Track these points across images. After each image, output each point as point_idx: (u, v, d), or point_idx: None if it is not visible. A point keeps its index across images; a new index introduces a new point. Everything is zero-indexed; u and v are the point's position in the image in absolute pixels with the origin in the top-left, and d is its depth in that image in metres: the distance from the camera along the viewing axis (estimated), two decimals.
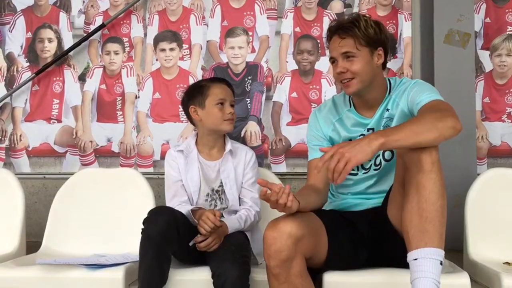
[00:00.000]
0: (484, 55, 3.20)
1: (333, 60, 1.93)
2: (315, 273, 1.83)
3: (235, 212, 2.17)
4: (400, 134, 1.61)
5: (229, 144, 2.23)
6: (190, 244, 1.97)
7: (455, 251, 2.27)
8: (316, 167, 1.65)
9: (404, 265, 1.65)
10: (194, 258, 2.02)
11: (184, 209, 2.05)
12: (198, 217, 1.99)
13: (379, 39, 1.90)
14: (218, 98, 2.17)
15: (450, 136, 1.65)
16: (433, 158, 1.64)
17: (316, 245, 1.78)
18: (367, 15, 1.94)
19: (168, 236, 1.90)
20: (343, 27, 1.89)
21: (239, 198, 2.20)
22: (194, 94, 2.21)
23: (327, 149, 1.62)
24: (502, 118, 3.19)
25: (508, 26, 3.21)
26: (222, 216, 2.08)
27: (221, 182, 2.19)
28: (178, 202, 2.14)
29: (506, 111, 3.18)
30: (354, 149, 1.57)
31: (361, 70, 1.87)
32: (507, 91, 3.19)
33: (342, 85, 1.94)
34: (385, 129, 1.83)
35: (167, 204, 2.17)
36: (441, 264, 1.60)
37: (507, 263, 2.13)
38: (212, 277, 1.90)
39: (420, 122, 1.64)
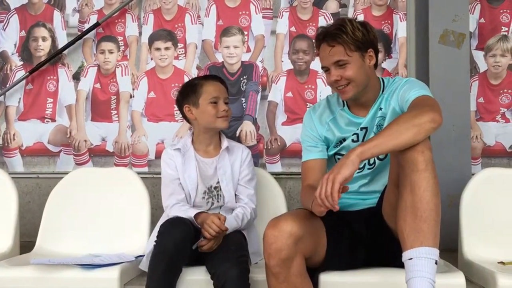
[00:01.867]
0: (478, 56, 3.20)
1: (326, 69, 1.92)
2: (312, 272, 1.82)
3: (231, 210, 2.17)
4: (377, 140, 1.62)
5: (225, 142, 2.23)
6: (193, 247, 1.96)
7: (450, 250, 2.27)
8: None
9: (401, 265, 1.65)
10: (191, 258, 2.00)
11: (185, 213, 2.05)
12: (201, 221, 2.00)
13: (368, 40, 1.90)
14: (212, 96, 2.16)
15: (431, 129, 1.64)
16: (426, 157, 1.63)
17: (315, 245, 1.78)
18: (354, 18, 1.93)
19: (182, 248, 1.91)
20: (331, 34, 1.88)
21: (235, 195, 2.20)
22: (188, 93, 2.20)
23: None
24: (496, 118, 3.20)
25: (502, 27, 3.21)
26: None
27: (218, 179, 2.19)
28: (175, 200, 2.14)
29: (500, 111, 3.19)
30: (336, 168, 1.61)
31: (355, 75, 1.87)
32: (501, 91, 3.19)
33: (338, 91, 1.94)
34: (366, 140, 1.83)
35: (164, 203, 2.17)
36: (436, 263, 1.60)
37: (502, 262, 2.14)
38: (212, 277, 1.90)
39: (397, 124, 1.64)
